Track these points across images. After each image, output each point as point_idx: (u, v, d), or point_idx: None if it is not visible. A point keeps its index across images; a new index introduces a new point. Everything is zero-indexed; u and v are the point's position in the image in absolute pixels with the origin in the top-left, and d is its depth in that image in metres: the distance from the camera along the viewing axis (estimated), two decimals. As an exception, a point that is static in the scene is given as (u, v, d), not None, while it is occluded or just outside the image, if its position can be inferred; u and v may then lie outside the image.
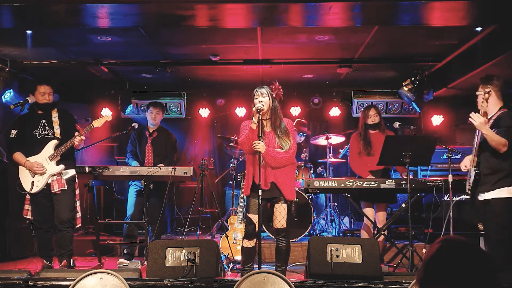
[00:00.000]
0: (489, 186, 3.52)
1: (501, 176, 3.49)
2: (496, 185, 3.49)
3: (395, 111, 7.09)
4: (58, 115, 4.40)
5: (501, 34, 4.43)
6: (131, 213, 5.01)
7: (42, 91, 4.31)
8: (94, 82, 6.74)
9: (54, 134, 4.32)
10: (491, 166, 3.53)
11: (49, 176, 4.23)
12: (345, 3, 3.71)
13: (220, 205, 7.13)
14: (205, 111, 7.32)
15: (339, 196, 6.70)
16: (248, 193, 3.74)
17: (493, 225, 3.53)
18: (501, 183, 3.49)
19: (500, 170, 3.51)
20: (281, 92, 3.76)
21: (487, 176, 3.54)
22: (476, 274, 1.28)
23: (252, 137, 3.60)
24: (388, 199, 4.89)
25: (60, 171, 4.24)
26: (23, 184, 4.26)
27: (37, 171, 4.19)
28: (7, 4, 3.67)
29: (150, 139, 5.24)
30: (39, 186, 4.21)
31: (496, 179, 3.50)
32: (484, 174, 3.56)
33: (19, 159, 4.27)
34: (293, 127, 3.86)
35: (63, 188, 4.22)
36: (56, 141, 4.29)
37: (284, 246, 3.72)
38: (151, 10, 3.92)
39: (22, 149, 4.29)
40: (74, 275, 3.12)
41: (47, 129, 4.33)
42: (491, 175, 3.53)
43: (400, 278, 3.46)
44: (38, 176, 4.23)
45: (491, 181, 3.52)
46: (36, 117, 4.36)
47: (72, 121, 4.50)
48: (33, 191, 4.21)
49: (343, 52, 5.51)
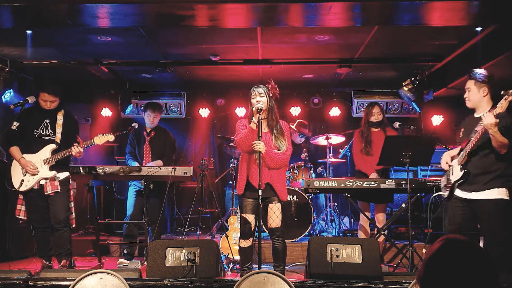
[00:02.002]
0: (479, 186, 3.49)
1: (492, 177, 3.47)
2: (487, 186, 3.46)
3: (395, 111, 7.10)
4: (63, 118, 4.36)
5: (501, 34, 4.43)
6: (131, 213, 5.01)
7: (44, 98, 4.26)
8: (94, 82, 6.74)
9: (54, 138, 4.28)
10: (484, 166, 3.50)
11: (40, 178, 4.20)
12: (345, 3, 3.71)
13: (220, 205, 7.13)
14: (205, 111, 7.33)
15: (339, 196, 6.70)
16: (242, 193, 3.73)
17: (485, 225, 3.53)
18: (492, 184, 3.46)
19: (492, 171, 3.48)
20: (277, 91, 3.76)
21: (478, 176, 3.51)
22: (477, 273, 1.28)
23: (251, 137, 3.60)
24: (386, 199, 4.88)
25: (52, 176, 4.21)
26: (13, 180, 4.24)
27: (30, 171, 4.16)
28: (7, 4, 3.67)
29: (147, 139, 5.23)
30: (28, 185, 4.19)
31: (487, 179, 3.47)
32: (475, 173, 3.53)
33: (15, 154, 4.23)
34: (289, 129, 3.86)
35: (56, 190, 4.19)
36: (55, 145, 4.24)
37: (280, 245, 3.72)
38: (151, 10, 3.92)
39: (19, 143, 4.25)
40: (74, 275, 3.12)
41: (49, 130, 4.30)
42: (483, 175, 3.49)
43: (400, 278, 3.46)
44: (28, 176, 4.19)
45: (482, 181, 3.48)
46: (41, 114, 4.31)
47: (75, 129, 4.46)
48: (20, 189, 4.19)
49: (343, 52, 5.51)
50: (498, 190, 3.45)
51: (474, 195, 3.51)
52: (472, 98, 3.59)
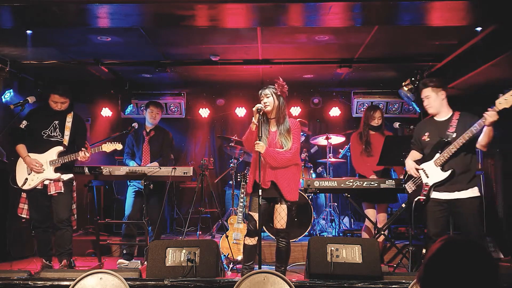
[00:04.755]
0: (463, 185, 3.56)
1: (471, 176, 3.58)
2: (470, 185, 3.56)
3: (395, 111, 7.09)
4: (72, 120, 4.37)
5: (501, 34, 4.42)
6: (129, 213, 5.01)
7: (54, 100, 4.27)
8: (94, 82, 6.74)
9: (62, 140, 4.28)
10: (465, 165, 3.58)
11: (44, 178, 4.21)
12: (345, 3, 3.71)
13: (220, 205, 7.13)
14: (205, 111, 7.33)
15: (339, 196, 6.70)
16: (251, 191, 3.75)
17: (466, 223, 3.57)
18: (473, 183, 3.58)
19: (471, 169, 3.60)
20: (286, 89, 3.73)
21: (460, 175, 3.57)
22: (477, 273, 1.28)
23: (251, 137, 3.60)
24: (389, 199, 4.89)
25: (57, 178, 4.22)
26: (17, 178, 4.25)
27: (34, 169, 4.17)
28: (7, 4, 3.67)
29: (147, 138, 5.24)
30: (32, 184, 4.20)
31: (468, 178, 3.57)
32: (458, 173, 3.58)
33: (21, 151, 4.24)
34: (299, 127, 3.81)
35: (59, 191, 4.21)
36: (62, 148, 4.27)
37: (284, 246, 3.73)
38: (151, 10, 3.91)
39: (26, 142, 4.27)
40: (74, 275, 3.11)
41: (57, 131, 4.30)
42: (464, 174, 3.57)
43: (400, 278, 3.46)
44: (33, 175, 4.21)
45: (465, 180, 3.56)
46: (51, 115, 4.32)
47: (83, 133, 4.48)
48: (24, 188, 4.21)
49: (343, 52, 5.51)
50: (476, 188, 3.59)
51: (457, 194, 3.57)
52: (434, 104, 3.71)
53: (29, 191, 4.24)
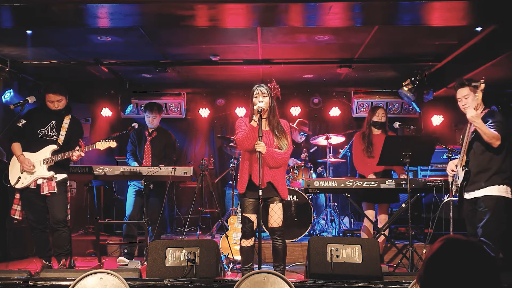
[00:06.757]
0: (479, 185, 3.56)
1: (490, 174, 3.55)
2: (488, 183, 3.53)
3: (395, 111, 7.10)
4: (69, 122, 4.37)
5: (501, 34, 4.42)
6: (130, 213, 5.01)
7: (50, 99, 4.27)
8: (94, 82, 6.74)
9: (57, 139, 4.28)
10: (481, 164, 3.57)
11: (37, 177, 4.19)
12: (345, 3, 3.71)
13: (220, 205, 7.13)
14: (205, 111, 7.33)
15: (339, 196, 6.70)
16: (243, 192, 3.73)
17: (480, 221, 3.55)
18: (491, 181, 3.54)
19: (489, 168, 3.56)
20: (279, 91, 3.77)
21: (477, 175, 3.57)
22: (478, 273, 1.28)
23: (252, 135, 3.59)
24: (390, 199, 4.89)
25: (50, 177, 4.20)
26: (10, 176, 4.24)
27: (25, 168, 4.15)
28: (7, 4, 3.67)
29: (149, 139, 5.24)
30: (24, 183, 4.18)
31: (486, 177, 3.55)
32: (474, 172, 3.58)
33: (15, 150, 4.23)
34: (289, 128, 3.88)
35: (52, 191, 4.18)
36: (56, 146, 4.25)
37: (280, 245, 3.73)
38: (151, 10, 3.91)
39: (22, 141, 4.26)
40: (74, 275, 3.11)
41: (53, 131, 4.30)
42: (482, 173, 3.56)
43: (400, 278, 3.46)
44: (25, 174, 4.19)
45: (482, 180, 3.55)
46: (49, 115, 4.32)
47: (79, 134, 4.46)
48: (17, 186, 4.19)
49: (343, 52, 5.51)
50: (498, 187, 3.51)
51: (476, 193, 3.58)
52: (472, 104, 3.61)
53: (22, 191, 4.21)
